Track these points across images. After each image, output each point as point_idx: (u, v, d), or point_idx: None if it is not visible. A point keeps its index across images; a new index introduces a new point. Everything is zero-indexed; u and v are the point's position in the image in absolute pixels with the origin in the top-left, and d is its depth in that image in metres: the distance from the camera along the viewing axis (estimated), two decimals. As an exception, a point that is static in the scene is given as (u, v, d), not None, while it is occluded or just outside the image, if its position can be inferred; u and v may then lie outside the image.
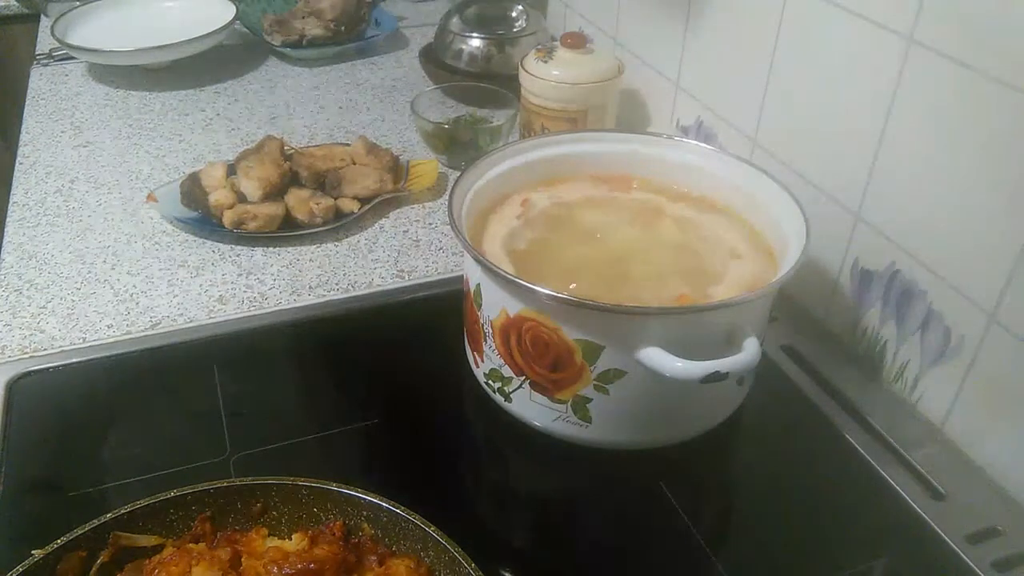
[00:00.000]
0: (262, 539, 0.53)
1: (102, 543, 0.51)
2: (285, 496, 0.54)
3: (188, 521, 0.54)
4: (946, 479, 0.64)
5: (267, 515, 0.55)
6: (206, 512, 0.54)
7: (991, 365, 0.64)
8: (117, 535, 0.52)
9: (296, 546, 0.52)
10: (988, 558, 0.59)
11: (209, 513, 0.54)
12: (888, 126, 0.69)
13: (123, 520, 0.52)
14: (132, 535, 0.52)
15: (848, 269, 0.76)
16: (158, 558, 0.52)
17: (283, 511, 0.54)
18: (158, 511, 0.53)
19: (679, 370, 0.55)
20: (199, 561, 0.50)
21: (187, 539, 0.53)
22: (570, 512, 0.64)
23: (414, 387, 0.73)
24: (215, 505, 0.54)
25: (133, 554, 0.52)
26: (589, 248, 0.69)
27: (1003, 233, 0.60)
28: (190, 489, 0.53)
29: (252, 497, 0.54)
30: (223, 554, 0.51)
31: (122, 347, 0.75)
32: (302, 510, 0.54)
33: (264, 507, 0.55)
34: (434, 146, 1.04)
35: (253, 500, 0.54)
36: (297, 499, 0.54)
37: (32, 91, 1.21)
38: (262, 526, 0.54)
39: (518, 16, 1.23)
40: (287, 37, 1.29)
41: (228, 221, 0.88)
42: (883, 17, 0.67)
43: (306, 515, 0.54)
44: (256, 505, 0.55)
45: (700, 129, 0.96)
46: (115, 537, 0.52)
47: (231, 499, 0.54)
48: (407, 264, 0.88)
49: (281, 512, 0.55)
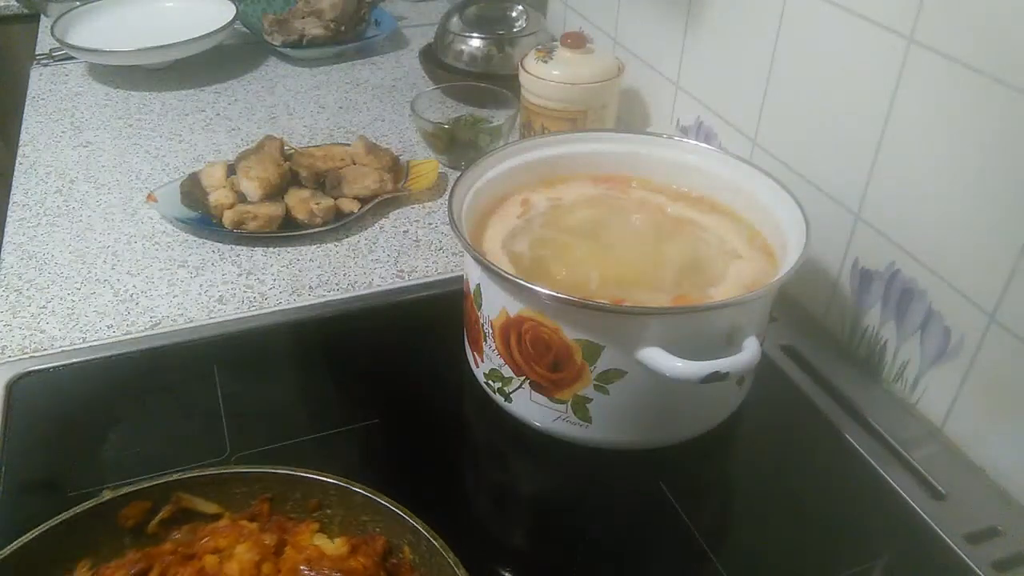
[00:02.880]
0: (310, 533, 0.54)
1: (166, 499, 0.54)
2: (340, 497, 0.54)
3: (249, 499, 0.55)
4: (946, 479, 0.64)
5: (321, 511, 0.55)
6: (267, 494, 0.55)
7: (991, 365, 0.64)
8: (180, 495, 0.54)
9: (336, 550, 0.52)
10: (988, 558, 0.59)
11: (270, 496, 0.55)
12: (888, 126, 0.69)
13: (189, 483, 0.54)
14: (194, 498, 0.55)
15: (848, 269, 0.76)
16: (213, 526, 0.54)
17: (336, 511, 0.55)
18: (223, 482, 0.55)
19: (679, 370, 0.55)
20: (246, 539, 0.52)
21: (245, 515, 0.54)
22: (570, 512, 0.64)
23: (414, 387, 0.73)
24: (276, 489, 0.55)
25: (191, 517, 0.55)
26: (589, 248, 0.69)
27: (1003, 233, 0.60)
28: (256, 468, 0.55)
29: (310, 490, 0.55)
30: (269, 539, 0.52)
31: (122, 347, 0.75)
32: (353, 515, 0.54)
33: (320, 503, 0.55)
34: (434, 146, 1.04)
35: (311, 493, 0.55)
36: (351, 503, 0.54)
37: (32, 91, 1.21)
38: (314, 521, 0.55)
39: (518, 16, 1.23)
40: (287, 37, 1.29)
41: (228, 221, 0.88)
42: (883, 17, 0.67)
43: (355, 522, 0.54)
44: (313, 499, 0.55)
45: (700, 129, 0.96)
46: (179, 497, 0.54)
47: (291, 487, 0.55)
48: (407, 264, 0.88)
49: (335, 512, 0.55)
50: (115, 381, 0.73)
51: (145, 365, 0.74)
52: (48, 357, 0.74)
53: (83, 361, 0.74)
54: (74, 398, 0.71)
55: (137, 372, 0.74)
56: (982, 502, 0.63)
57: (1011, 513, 0.62)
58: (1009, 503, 0.63)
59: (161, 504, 0.54)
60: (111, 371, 0.73)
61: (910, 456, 0.66)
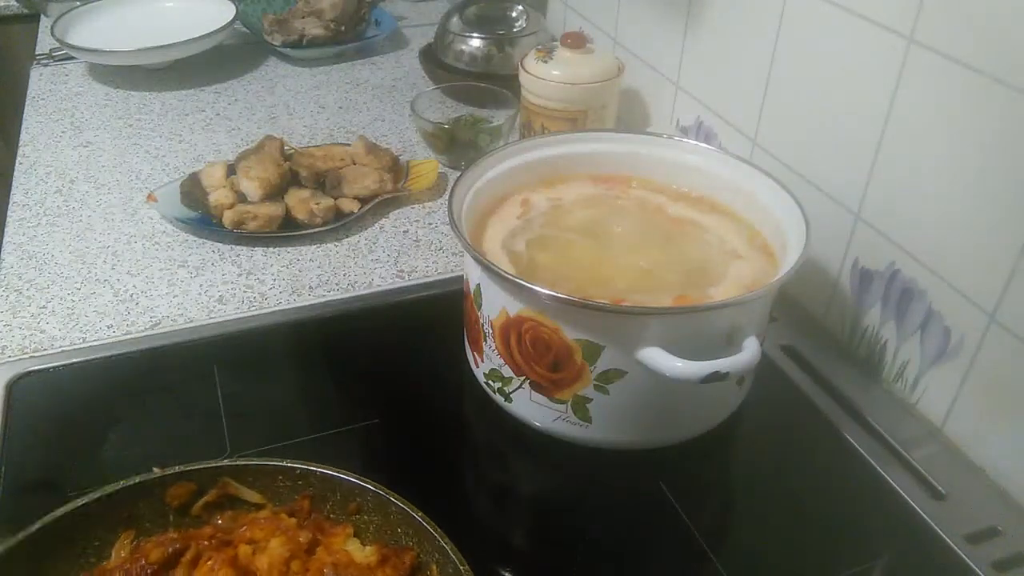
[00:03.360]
0: (345, 537, 0.54)
1: (213, 483, 0.55)
2: (377, 505, 0.54)
3: (292, 494, 0.56)
4: (946, 479, 0.64)
5: (359, 516, 0.55)
6: (309, 491, 0.56)
7: (991, 365, 0.64)
8: (227, 481, 0.56)
9: (365, 558, 0.52)
10: (988, 558, 0.59)
11: (311, 493, 0.56)
12: (888, 126, 0.69)
13: (236, 470, 0.56)
14: (240, 486, 0.56)
15: (848, 269, 0.76)
16: (254, 515, 0.55)
17: (372, 519, 0.55)
18: (268, 474, 0.56)
19: (679, 370, 0.55)
20: (282, 534, 0.53)
21: (285, 509, 0.55)
22: (570, 512, 0.64)
23: (414, 387, 0.73)
24: (318, 487, 0.56)
25: (235, 504, 0.56)
26: (589, 248, 0.69)
27: (1003, 233, 0.60)
28: (300, 464, 0.55)
29: (350, 493, 0.55)
30: (303, 536, 0.53)
31: (122, 347, 0.75)
32: (388, 525, 0.54)
33: (358, 507, 0.55)
34: (434, 146, 1.04)
35: (350, 497, 0.55)
36: (386, 513, 0.54)
37: (32, 91, 1.21)
38: (351, 525, 0.55)
39: (518, 16, 1.23)
40: (287, 37, 1.29)
41: (228, 221, 0.88)
42: (883, 17, 0.67)
43: (390, 532, 0.54)
44: (352, 503, 0.55)
45: (700, 129, 0.96)
46: (225, 483, 0.56)
47: (333, 488, 0.55)
48: (407, 264, 0.88)
49: (371, 518, 0.55)
50: (115, 381, 0.73)
51: (145, 365, 0.74)
52: (48, 357, 0.74)
53: (83, 361, 0.74)
54: (74, 398, 0.71)
55: (137, 372, 0.74)
56: (982, 502, 0.63)
57: (1011, 513, 0.62)
58: (1009, 503, 0.63)
59: (207, 487, 0.56)
60: (111, 371, 0.73)
61: (910, 456, 0.66)
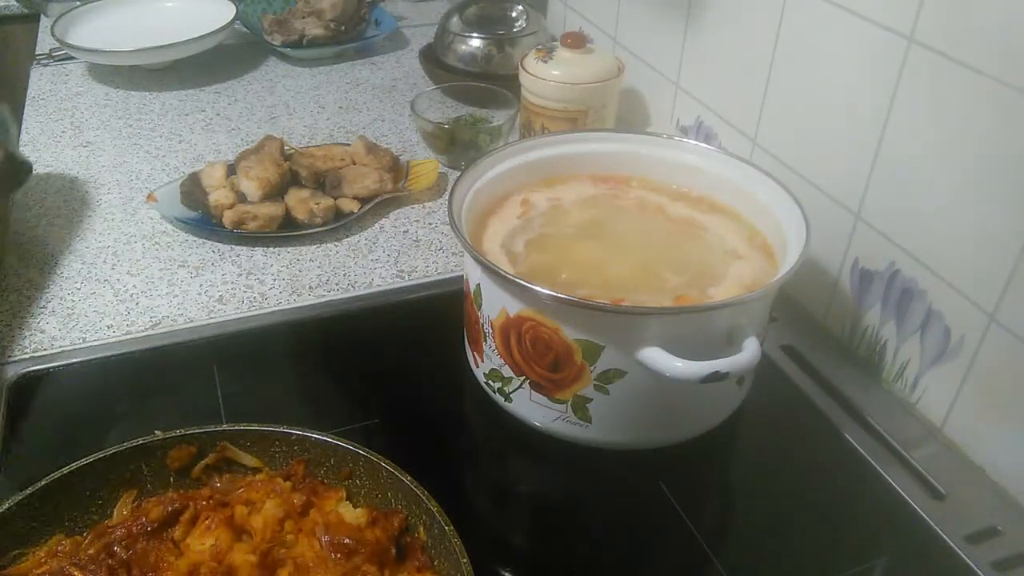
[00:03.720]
0: (337, 500, 0.56)
1: (212, 447, 0.58)
2: (369, 470, 0.56)
3: (288, 458, 0.58)
4: (946, 479, 0.64)
5: (352, 481, 0.57)
6: (304, 456, 0.58)
7: (991, 365, 0.64)
8: (225, 445, 0.58)
9: (355, 519, 0.54)
10: (988, 558, 0.59)
11: (306, 458, 0.58)
12: (888, 126, 0.69)
13: (234, 434, 0.58)
14: (238, 451, 0.58)
15: (848, 269, 0.76)
16: (251, 479, 0.57)
17: (364, 483, 0.56)
18: (265, 438, 0.58)
19: (679, 370, 0.55)
20: (277, 495, 0.55)
21: (281, 473, 0.57)
22: (570, 512, 0.64)
23: (414, 387, 0.73)
24: (312, 452, 0.58)
25: (232, 467, 0.58)
26: (589, 248, 0.69)
27: (1003, 233, 0.60)
28: (296, 431, 0.57)
29: (343, 459, 0.57)
30: (297, 499, 0.55)
31: (122, 347, 0.75)
32: (379, 490, 0.56)
33: (351, 472, 0.57)
34: (434, 146, 1.04)
35: (343, 462, 0.57)
36: (377, 477, 0.55)
37: (32, 91, 1.21)
38: (343, 488, 0.56)
39: (518, 16, 1.23)
40: (287, 37, 1.29)
41: (228, 221, 0.88)
42: (883, 17, 0.67)
43: (380, 496, 0.56)
44: (345, 468, 0.57)
45: (700, 129, 0.96)
46: (223, 446, 0.58)
47: (326, 454, 0.57)
48: (407, 264, 0.88)
49: (363, 483, 0.56)
50: (115, 381, 0.73)
51: (145, 365, 0.74)
52: (48, 357, 0.74)
53: (83, 361, 0.74)
54: (74, 398, 0.71)
55: (137, 372, 0.74)
56: (982, 502, 0.63)
57: (1011, 513, 0.62)
58: (1009, 503, 0.63)
59: (207, 451, 0.58)
60: (111, 371, 0.73)
61: (910, 456, 0.66)
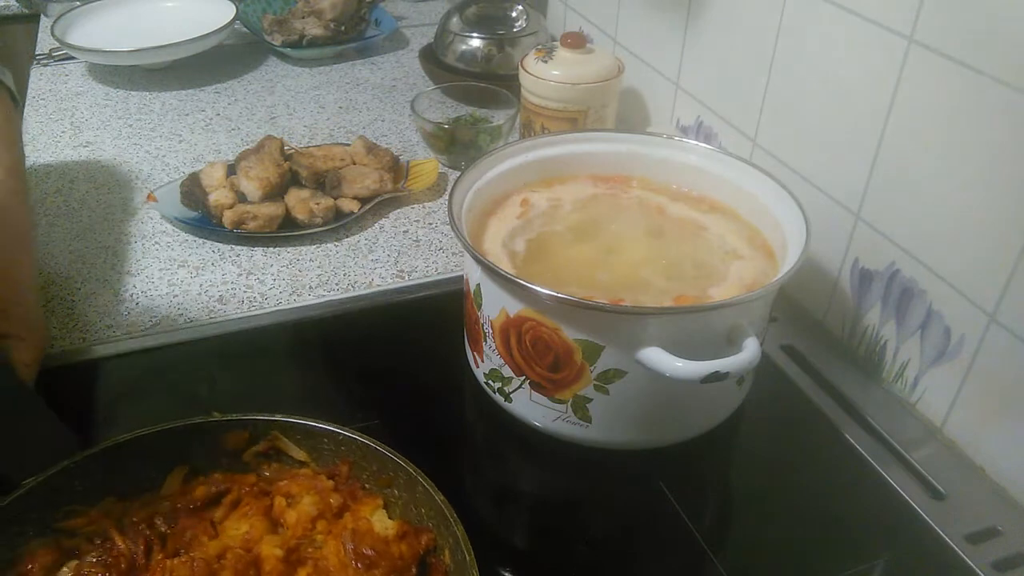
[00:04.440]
0: (374, 507, 0.55)
1: (265, 434, 0.59)
2: (407, 484, 0.55)
3: (334, 457, 0.58)
4: (946, 479, 0.64)
5: (390, 490, 0.57)
6: (350, 457, 0.58)
7: (991, 365, 0.64)
8: (277, 435, 0.59)
9: (384, 531, 0.53)
10: (988, 558, 0.59)
11: (352, 459, 0.58)
12: (888, 126, 0.69)
13: (286, 426, 0.59)
14: (287, 442, 0.59)
15: (848, 269, 0.76)
16: (296, 471, 0.58)
17: (402, 495, 0.56)
18: (314, 435, 0.58)
19: (679, 370, 0.55)
20: (316, 493, 0.56)
21: (326, 471, 0.58)
22: (570, 512, 0.64)
23: (414, 387, 0.73)
24: (357, 455, 0.58)
25: (281, 458, 0.59)
26: (589, 248, 0.69)
27: (1003, 233, 0.60)
28: (345, 431, 0.57)
29: (384, 466, 0.56)
30: (334, 500, 0.55)
31: (123, 347, 0.75)
32: (414, 504, 0.55)
33: (389, 482, 0.57)
34: (434, 146, 1.04)
35: (384, 469, 0.57)
36: (414, 491, 0.55)
37: (32, 91, 1.21)
38: (382, 497, 0.56)
39: (518, 16, 1.23)
40: (287, 37, 1.29)
41: (228, 221, 0.88)
42: (883, 17, 0.67)
43: (415, 511, 0.55)
44: (385, 476, 0.57)
45: (700, 129, 0.96)
46: (275, 435, 0.59)
47: (370, 459, 0.57)
48: (407, 264, 0.88)
49: (400, 495, 0.56)
50: (115, 381, 0.73)
51: (145, 365, 0.74)
52: (48, 357, 0.74)
53: (83, 361, 0.74)
54: (74, 398, 0.71)
55: (137, 372, 0.74)
56: (982, 502, 0.63)
57: (1011, 513, 0.62)
58: (1009, 503, 0.63)
59: (259, 438, 0.59)
60: (111, 371, 0.73)
61: (910, 456, 0.66)
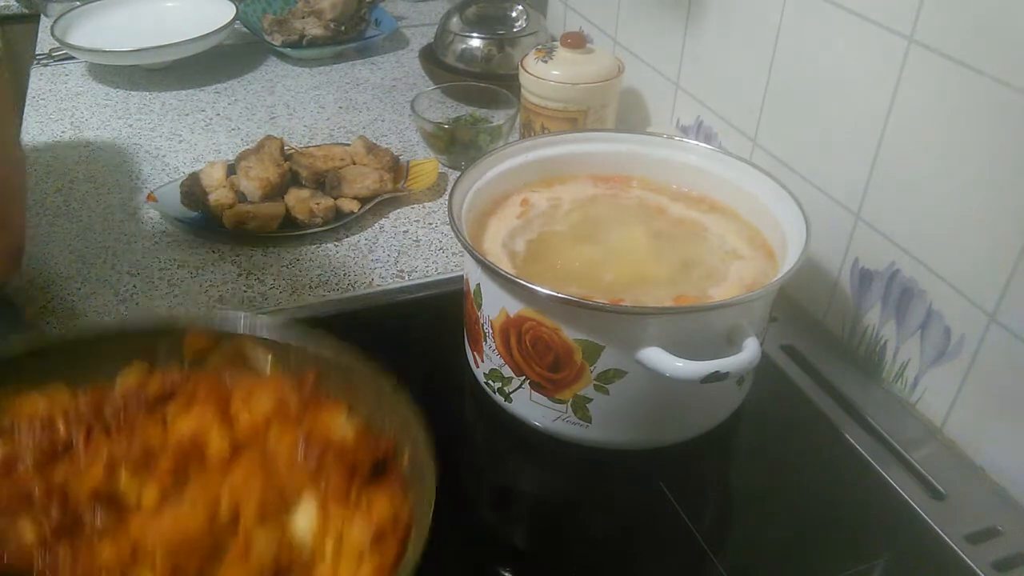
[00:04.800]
0: (334, 415, 0.54)
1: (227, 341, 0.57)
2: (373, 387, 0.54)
3: (302, 367, 0.56)
4: (946, 479, 0.64)
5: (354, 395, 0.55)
6: (317, 368, 0.56)
7: (991, 365, 0.64)
8: (242, 340, 0.57)
9: (341, 436, 0.52)
10: (988, 558, 0.59)
11: (318, 370, 0.56)
12: (888, 126, 0.69)
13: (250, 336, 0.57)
14: (255, 347, 0.57)
15: (848, 269, 0.76)
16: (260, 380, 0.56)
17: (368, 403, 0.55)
18: (279, 348, 0.57)
19: (679, 370, 0.55)
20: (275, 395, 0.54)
21: (292, 380, 0.56)
22: (570, 512, 0.64)
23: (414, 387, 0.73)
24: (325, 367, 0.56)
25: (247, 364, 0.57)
26: (589, 248, 0.69)
27: (1003, 233, 0.60)
28: (312, 347, 0.56)
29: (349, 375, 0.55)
30: (294, 403, 0.53)
31: (122, 347, 0.75)
32: (380, 414, 0.54)
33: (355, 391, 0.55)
34: (434, 146, 1.04)
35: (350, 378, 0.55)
36: (380, 400, 0.54)
37: (32, 91, 1.21)
38: (345, 405, 0.55)
39: (518, 16, 1.23)
40: (287, 37, 1.29)
41: (228, 221, 0.88)
42: (883, 17, 0.67)
43: (380, 420, 0.54)
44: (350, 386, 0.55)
45: (700, 129, 0.96)
46: (240, 340, 0.57)
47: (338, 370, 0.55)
48: (407, 264, 0.88)
49: (367, 404, 0.55)
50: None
51: (145, 365, 0.74)
52: (48, 357, 0.74)
53: (83, 361, 0.74)
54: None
55: (137, 372, 0.73)
56: (982, 502, 0.63)
57: (1011, 513, 0.62)
58: (1009, 503, 0.63)
59: (224, 345, 0.57)
60: (111, 371, 0.73)
61: (910, 456, 0.66)
